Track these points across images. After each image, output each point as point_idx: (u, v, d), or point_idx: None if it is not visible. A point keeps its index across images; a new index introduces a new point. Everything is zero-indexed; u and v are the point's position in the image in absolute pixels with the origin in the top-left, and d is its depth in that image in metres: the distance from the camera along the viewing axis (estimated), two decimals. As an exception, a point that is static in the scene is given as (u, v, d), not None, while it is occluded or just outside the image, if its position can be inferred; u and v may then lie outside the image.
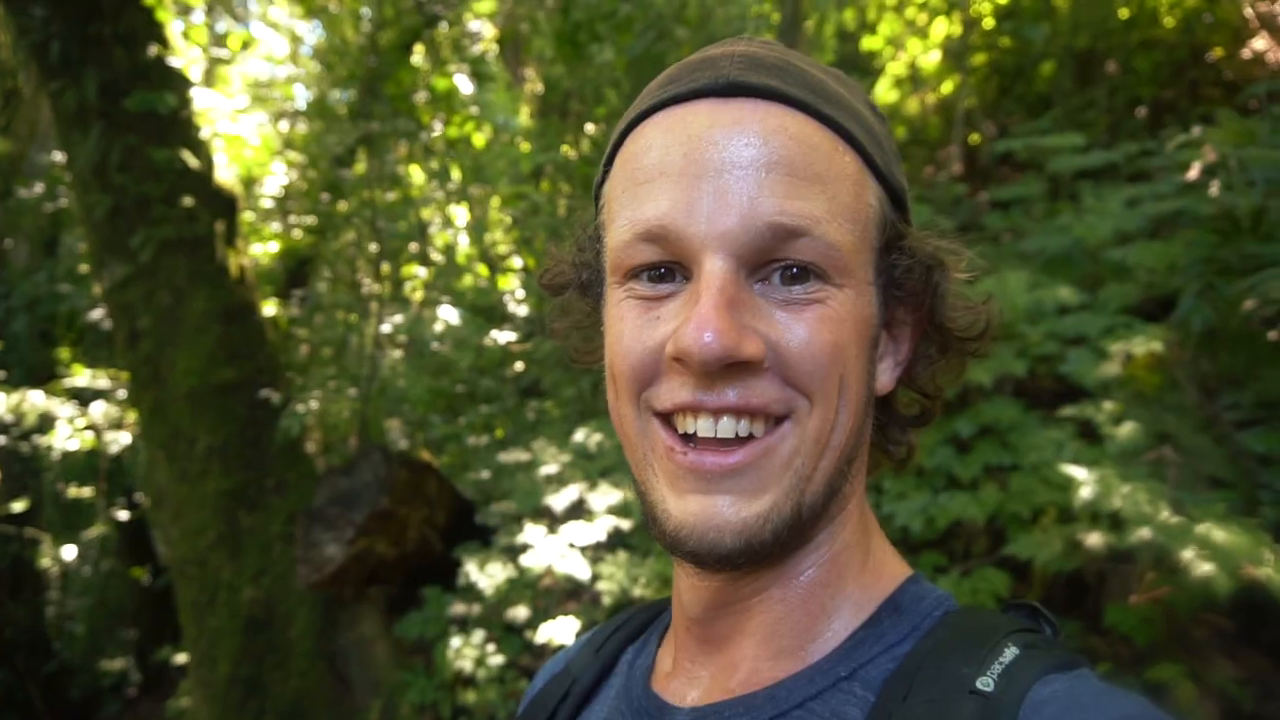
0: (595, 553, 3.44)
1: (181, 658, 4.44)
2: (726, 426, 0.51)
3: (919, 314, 0.58)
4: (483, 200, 5.42)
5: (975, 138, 4.73)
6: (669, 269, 0.53)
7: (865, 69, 5.40)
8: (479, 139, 5.12)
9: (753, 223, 0.50)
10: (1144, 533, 1.69)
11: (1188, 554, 1.64)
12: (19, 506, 4.13)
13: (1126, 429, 2.01)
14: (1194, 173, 2.68)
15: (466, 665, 3.21)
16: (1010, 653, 0.50)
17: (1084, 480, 1.84)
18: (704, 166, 0.50)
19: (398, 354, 5.01)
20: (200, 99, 3.91)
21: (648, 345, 0.52)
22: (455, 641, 3.25)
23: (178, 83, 3.62)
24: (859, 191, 0.53)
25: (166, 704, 4.83)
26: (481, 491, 4.20)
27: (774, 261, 0.51)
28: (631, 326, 0.54)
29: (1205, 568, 1.59)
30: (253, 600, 3.23)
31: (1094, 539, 1.86)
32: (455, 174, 5.05)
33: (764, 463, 0.51)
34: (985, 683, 0.48)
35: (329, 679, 3.28)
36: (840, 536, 0.57)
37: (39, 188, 5.61)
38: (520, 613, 3.35)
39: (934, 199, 3.78)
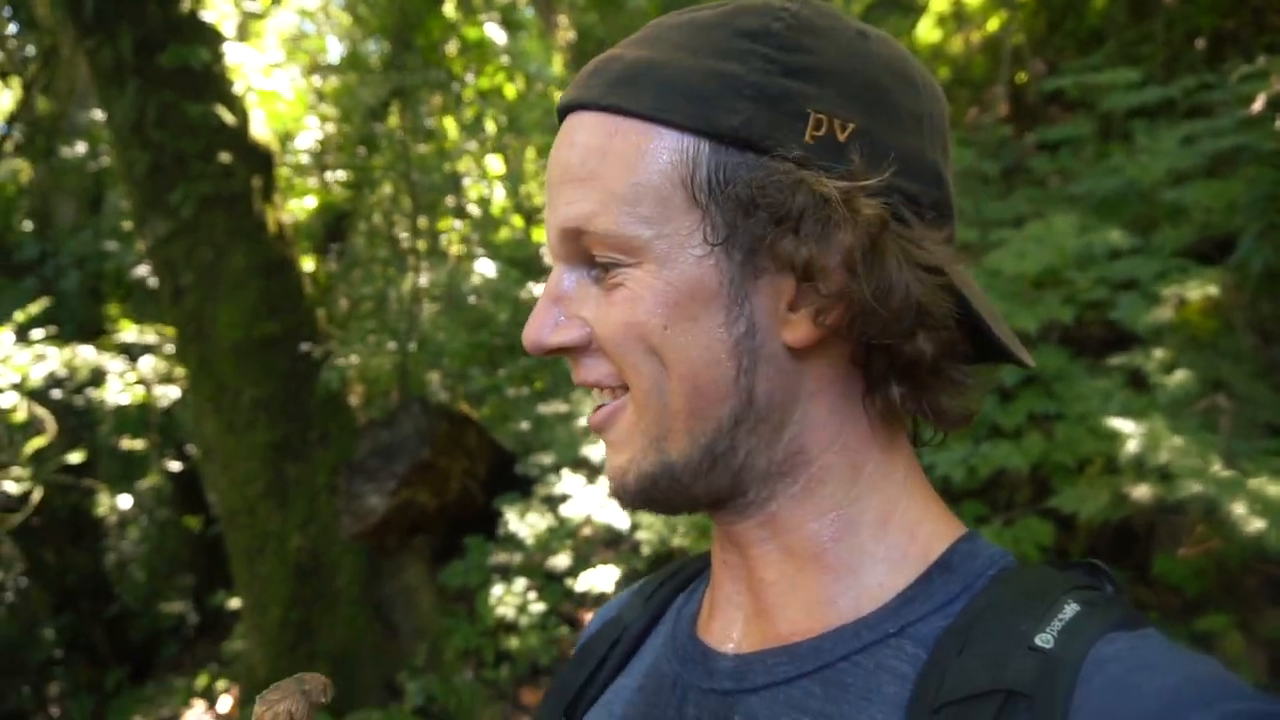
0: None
1: (235, 602, 4.60)
2: (597, 396, 0.58)
3: (823, 256, 0.52)
4: (517, 151, 5.38)
5: (1022, 76, 4.56)
6: None
7: (908, 6, 5.22)
8: (511, 89, 5.06)
9: (556, 232, 0.56)
10: (1194, 487, 1.64)
11: (1239, 509, 1.59)
12: (76, 458, 4.26)
13: (1178, 377, 1.95)
14: (1258, 105, 2.55)
15: (508, 612, 3.28)
16: (1071, 609, 0.48)
17: (1130, 434, 1.79)
18: (547, 187, 0.58)
19: (436, 307, 5.04)
20: (233, 54, 3.90)
21: None
22: (497, 589, 3.32)
23: (210, 37, 3.61)
24: (641, 162, 0.53)
25: (222, 646, 5.02)
26: (521, 443, 4.25)
27: (589, 255, 0.55)
28: None
29: (1258, 524, 1.54)
30: (300, 549, 3.31)
31: (1141, 491, 1.81)
32: (489, 125, 5.01)
33: (614, 424, 0.57)
34: (1045, 639, 0.47)
35: (376, 625, 3.37)
36: (822, 492, 0.56)
37: (81, 146, 5.68)
38: (560, 561, 3.41)
39: (978, 142, 3.66)
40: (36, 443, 4.11)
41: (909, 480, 0.59)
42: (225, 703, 4.65)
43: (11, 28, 6.04)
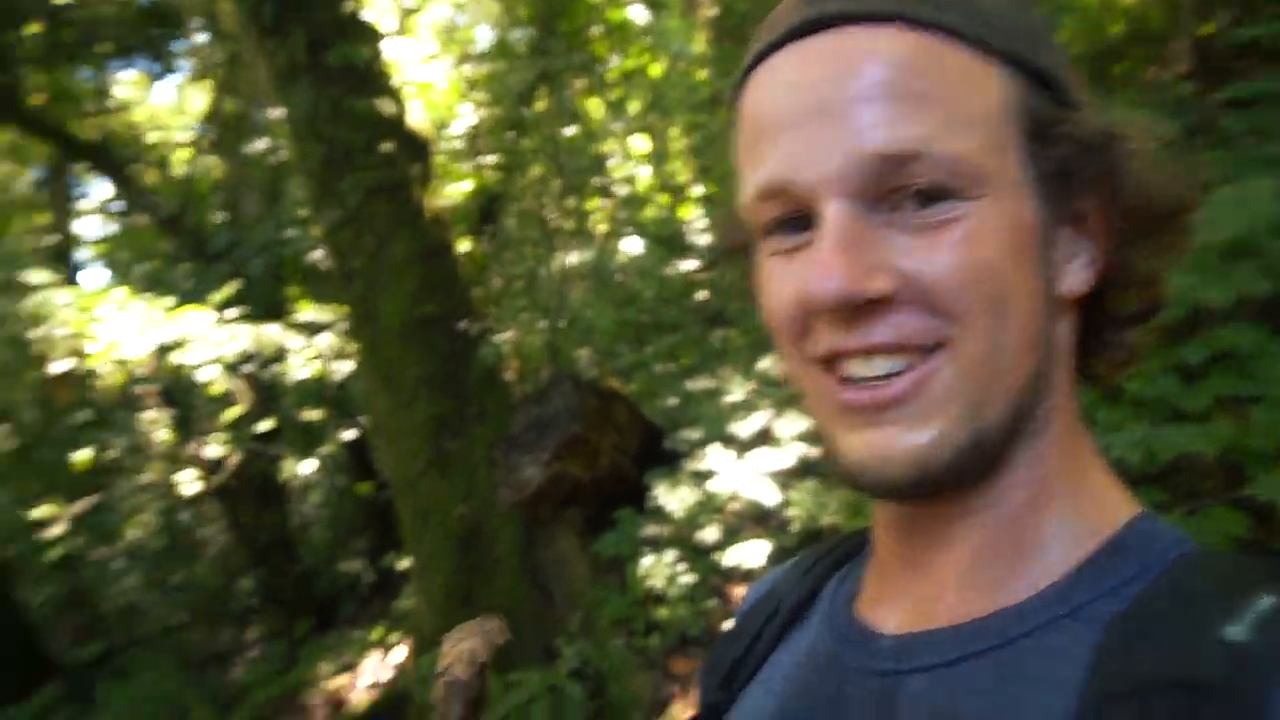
0: (784, 479, 3.44)
1: (405, 564, 4.93)
2: (879, 365, 0.49)
3: (1102, 199, 0.52)
4: (661, 130, 5.39)
5: (1208, 28, 4.13)
6: (800, 218, 0.51)
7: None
8: (655, 68, 5.07)
9: (860, 160, 0.47)
10: None
11: None
12: (266, 426, 4.68)
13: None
14: None
15: (658, 583, 3.35)
16: (1268, 601, 0.43)
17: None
18: (805, 113, 0.49)
19: (584, 285, 5.16)
20: (391, 49, 4.11)
21: (787, 300, 0.51)
22: (647, 561, 3.40)
23: (370, 35, 3.81)
24: (976, 87, 0.49)
25: (394, 603, 5.41)
26: (669, 418, 4.30)
27: (900, 189, 0.48)
28: (774, 284, 0.53)
29: None
30: (462, 519, 3.50)
31: (1354, 479, 1.63)
32: (633, 106, 5.05)
33: (923, 392, 0.49)
34: (1237, 631, 0.42)
35: (533, 592, 3.53)
36: (1046, 457, 0.53)
37: (263, 143, 6.16)
38: (709, 535, 3.45)
39: (1156, 102, 3.35)
40: (233, 412, 4.54)
41: (1095, 452, 0.56)
42: (398, 654, 5.01)
43: (202, 36, 6.61)
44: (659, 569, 3.38)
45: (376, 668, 5.11)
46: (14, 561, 5.99)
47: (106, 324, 4.34)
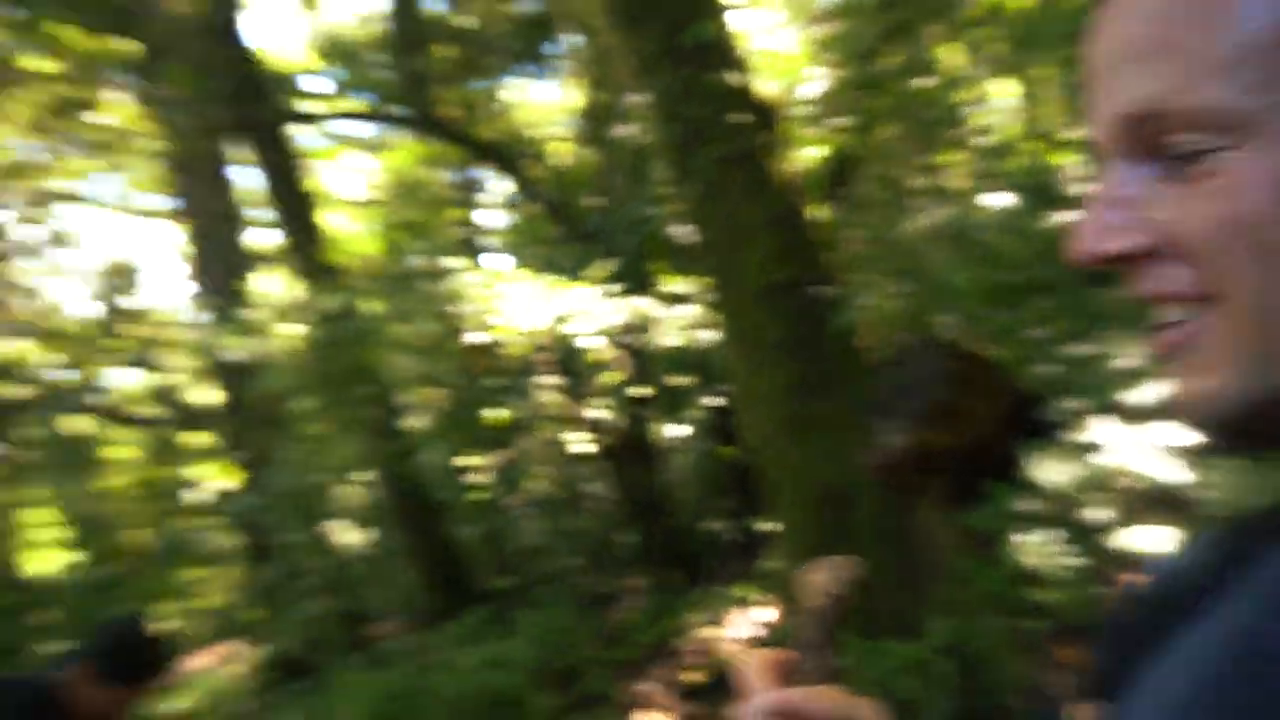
0: (1195, 456, 2.99)
1: (768, 525, 5.11)
2: (1168, 313, 0.49)
3: None
4: (1029, 70, 4.88)
5: None
6: None
7: None
8: (1018, 1, 4.58)
9: (1110, 123, 0.47)
10: None
11: None
12: (642, 392, 5.10)
13: None
14: None
15: (1034, 562, 3.12)
16: None
17: None
18: (1091, 71, 0.49)
19: (944, 246, 4.88)
20: (738, 20, 4.18)
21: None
22: (1021, 537, 3.17)
23: (716, 10, 3.93)
24: (1236, 20, 0.43)
25: (758, 564, 5.63)
26: (1044, 385, 3.94)
27: (1161, 145, 0.46)
28: None
29: None
30: (822, 484, 3.52)
31: None
32: (996, 47, 4.62)
33: (1199, 344, 0.47)
34: None
35: (894, 561, 3.46)
36: None
37: (627, 129, 6.64)
38: (1095, 514, 3.12)
39: None
40: (614, 378, 5.02)
41: None
42: (763, 614, 5.23)
43: (574, 38, 7.28)
44: (1035, 547, 3.13)
45: (743, 622, 5.37)
46: (446, 503, 7.22)
47: (509, 301, 5.02)
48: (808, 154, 4.94)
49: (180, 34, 7.11)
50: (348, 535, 8.60)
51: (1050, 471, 3.19)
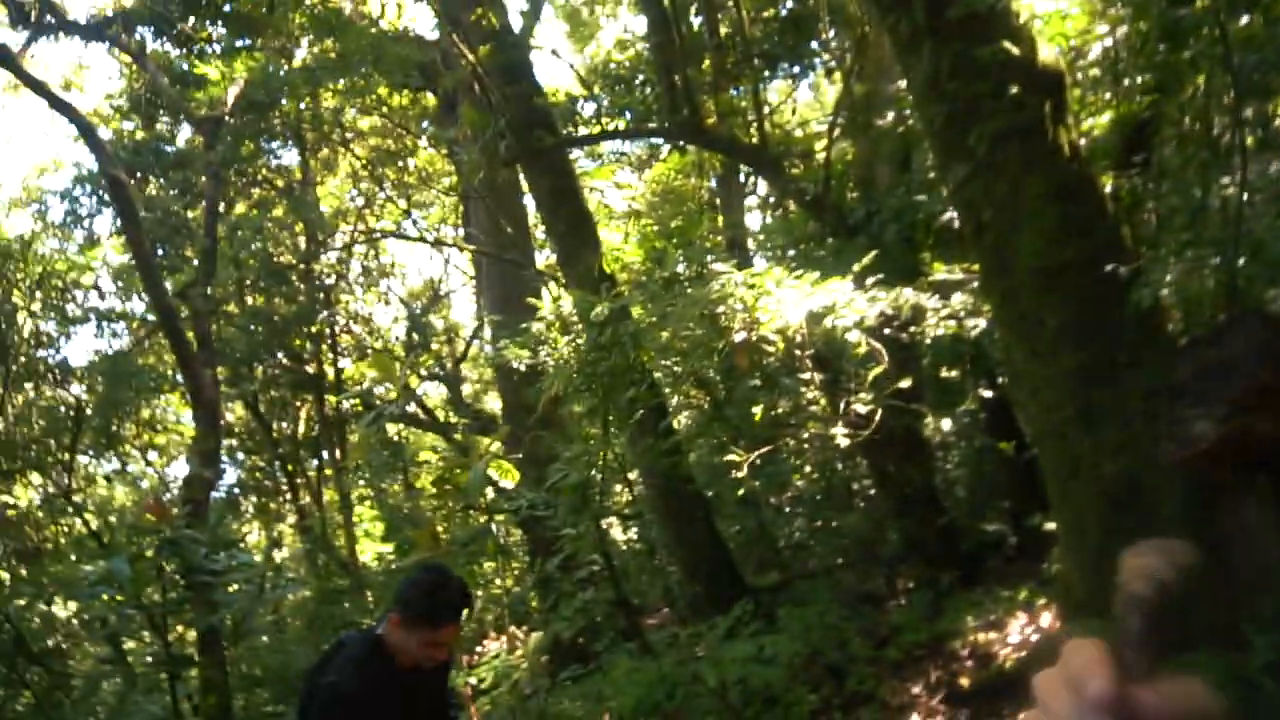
0: None
1: (1051, 525, 4.71)
2: None
3: None
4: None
5: None
6: None
7: None
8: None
9: None
10: None
11: None
12: (905, 384, 4.93)
13: None
14: None
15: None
16: None
17: None
18: None
19: (1271, 208, 4.24)
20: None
21: None
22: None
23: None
24: None
25: (1041, 565, 5.21)
26: None
27: None
28: None
29: None
30: (1114, 476, 3.21)
31: None
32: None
33: None
34: None
35: (1210, 564, 3.06)
36: None
37: (890, 115, 6.46)
38: None
39: None
40: (875, 372, 4.89)
41: None
42: (1045, 616, 4.83)
43: (831, 32, 7.21)
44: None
45: (1023, 627, 5.00)
46: (713, 499, 7.40)
47: (770, 299, 5.06)
48: (1098, 121, 4.53)
49: (472, 79, 7.95)
50: (620, 530, 9.09)
51: None
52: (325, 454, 15.49)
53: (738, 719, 5.03)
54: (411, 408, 14.40)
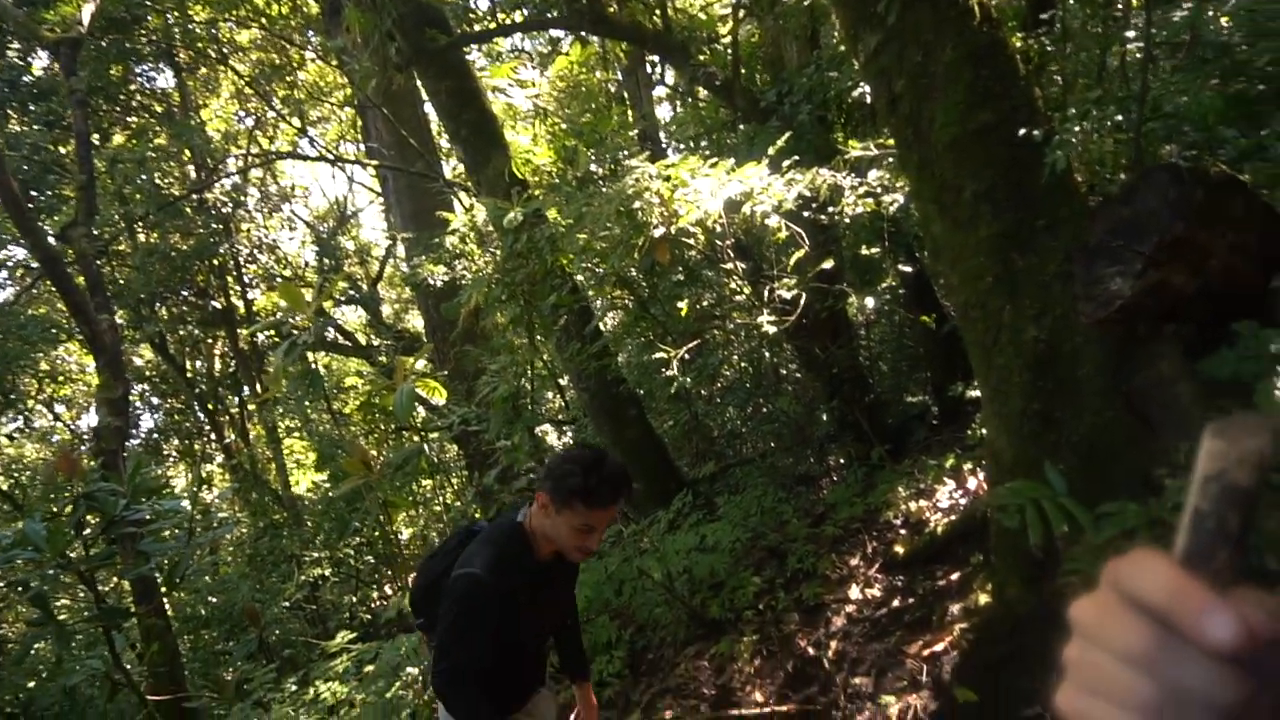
0: None
1: (973, 393, 4.84)
2: None
3: None
4: None
5: None
6: None
7: None
8: None
9: None
10: None
11: None
12: (827, 265, 4.92)
13: None
14: None
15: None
16: None
17: None
18: None
19: (1171, 63, 4.25)
20: None
21: None
22: (1281, 381, 2.79)
23: None
24: None
25: (965, 434, 5.39)
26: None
27: None
28: None
29: None
30: (1036, 339, 3.26)
31: None
32: None
33: None
34: None
35: (1126, 418, 3.17)
36: None
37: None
38: (1378, 349, 2.68)
39: None
40: (796, 256, 4.86)
41: None
42: (972, 483, 5.02)
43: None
44: (1301, 391, 2.75)
45: (951, 493, 5.20)
46: (646, 397, 7.42)
47: (687, 191, 4.93)
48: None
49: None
50: (555, 436, 9.09)
51: (1317, 304, 2.76)
52: (246, 389, 15.03)
53: (685, 608, 5.16)
54: (332, 334, 14.00)
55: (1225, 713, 0.43)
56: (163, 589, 7.22)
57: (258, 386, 14.45)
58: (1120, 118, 3.80)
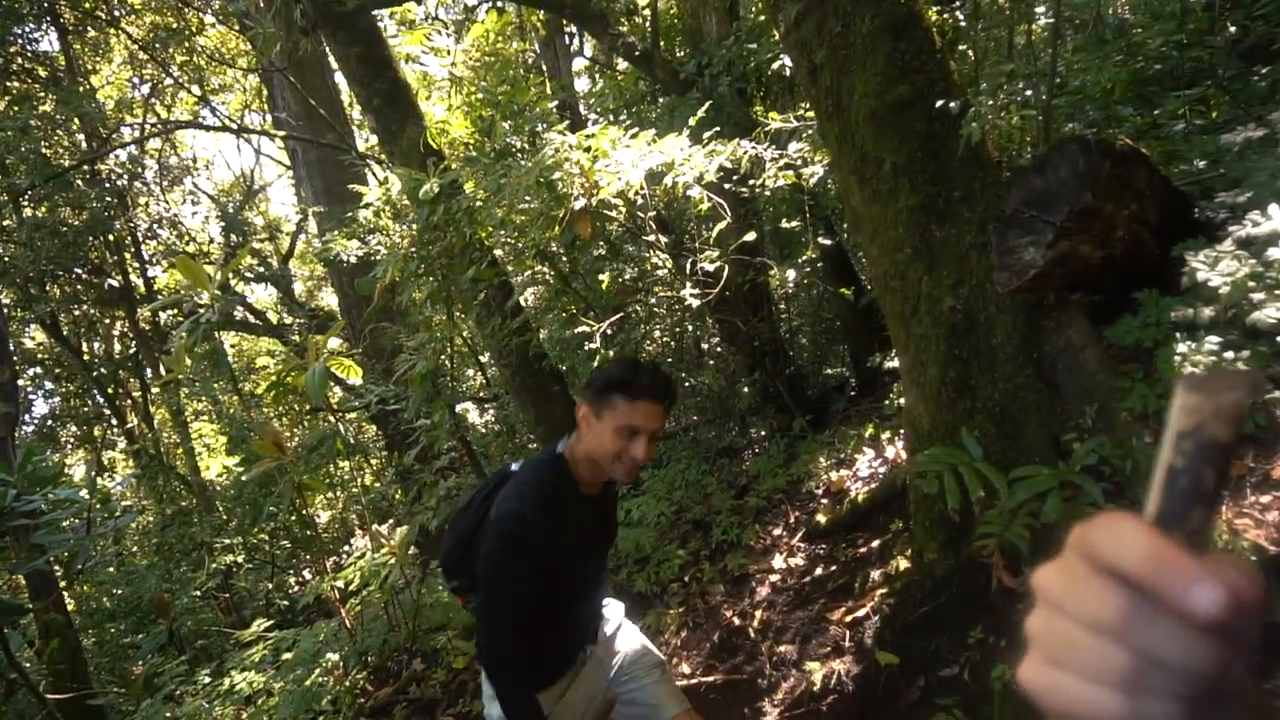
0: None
1: (891, 364, 4.94)
2: None
3: None
4: None
5: None
6: None
7: None
8: None
9: None
10: None
11: None
12: (749, 237, 4.93)
13: None
14: None
15: (1197, 372, 2.87)
16: None
17: None
18: None
19: (1075, 42, 4.38)
20: None
21: None
22: (1181, 348, 2.91)
23: None
24: None
25: (884, 404, 5.50)
26: (1197, 183, 3.56)
27: None
28: None
29: None
30: (953, 309, 3.33)
31: None
32: None
33: None
34: None
35: (1037, 384, 3.27)
36: None
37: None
38: (1268, 315, 2.82)
39: None
40: (718, 228, 4.85)
41: None
42: (891, 451, 5.13)
43: None
44: (1198, 356, 2.87)
45: (871, 462, 5.31)
46: (569, 372, 7.35)
47: (608, 162, 4.86)
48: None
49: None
50: (477, 414, 8.94)
51: (1212, 273, 2.88)
52: (149, 371, 14.36)
53: (612, 583, 5.16)
54: (241, 313, 13.45)
55: (1201, 681, 0.42)
56: (61, 583, 6.87)
57: (161, 368, 13.83)
58: (1029, 93, 3.90)
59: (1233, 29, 4.41)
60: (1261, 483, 2.94)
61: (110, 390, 14.28)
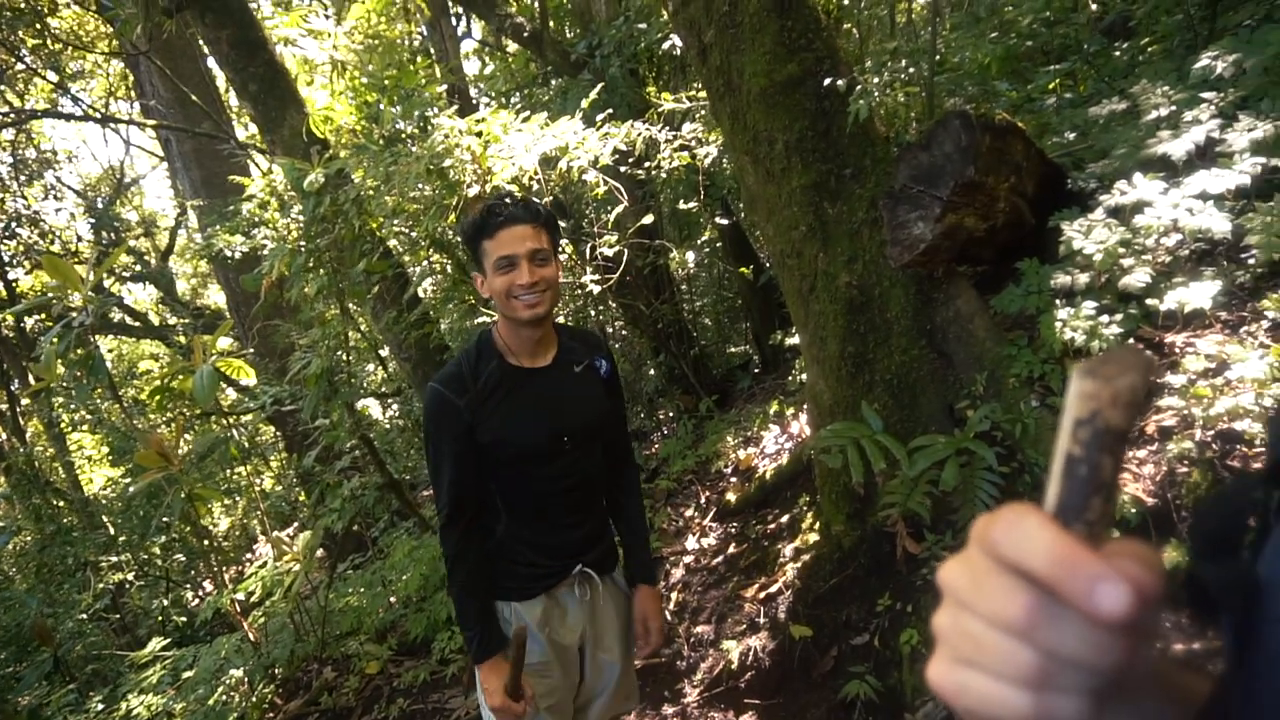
0: (1236, 203, 2.84)
1: (792, 340, 5.02)
2: None
3: None
4: None
5: None
6: None
7: None
8: None
9: None
10: None
11: None
12: (647, 220, 4.91)
13: None
14: None
15: (1076, 337, 3.00)
16: None
17: None
18: None
19: (952, 21, 4.51)
20: None
21: None
22: (1062, 314, 3.04)
23: None
24: None
25: (786, 380, 5.59)
26: (1069, 155, 3.72)
27: None
28: None
29: None
30: (849, 284, 3.39)
31: None
32: None
33: None
34: None
35: (930, 355, 3.37)
36: None
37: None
38: (1136, 279, 2.98)
39: None
40: (616, 212, 4.82)
41: None
42: (795, 427, 5.23)
43: None
44: (1076, 321, 3.01)
45: (777, 438, 5.40)
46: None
47: (500, 147, 4.76)
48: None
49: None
50: (380, 410, 8.69)
51: (1089, 241, 3.02)
52: (16, 381, 13.39)
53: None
54: (118, 314, 12.67)
55: (1107, 677, 0.42)
56: (-73, 615, 6.35)
57: (30, 377, 12.91)
58: (912, 70, 4.00)
59: (1094, 6, 4.63)
60: (1137, 438, 3.12)
61: (-27, 404, 13.26)
